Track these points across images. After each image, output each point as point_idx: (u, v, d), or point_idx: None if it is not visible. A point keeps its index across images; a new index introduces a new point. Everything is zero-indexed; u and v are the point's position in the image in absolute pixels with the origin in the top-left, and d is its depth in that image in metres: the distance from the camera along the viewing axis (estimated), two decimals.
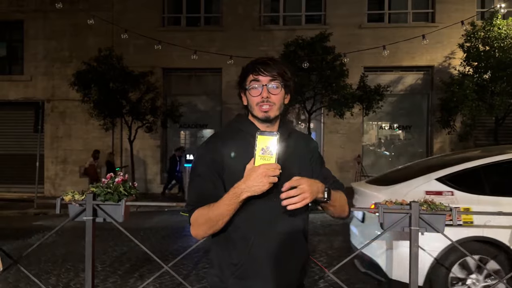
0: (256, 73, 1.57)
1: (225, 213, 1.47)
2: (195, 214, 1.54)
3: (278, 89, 1.57)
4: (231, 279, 1.54)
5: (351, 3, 13.56)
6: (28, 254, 3.48)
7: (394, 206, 3.12)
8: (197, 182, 1.58)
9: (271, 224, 1.53)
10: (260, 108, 1.57)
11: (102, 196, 3.25)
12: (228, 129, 1.68)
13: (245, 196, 1.43)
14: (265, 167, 1.39)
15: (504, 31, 11.02)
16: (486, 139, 12.99)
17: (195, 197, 1.57)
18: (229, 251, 1.56)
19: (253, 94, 1.58)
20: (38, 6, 14.30)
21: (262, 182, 1.39)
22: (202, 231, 1.55)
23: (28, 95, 14.33)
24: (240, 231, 1.53)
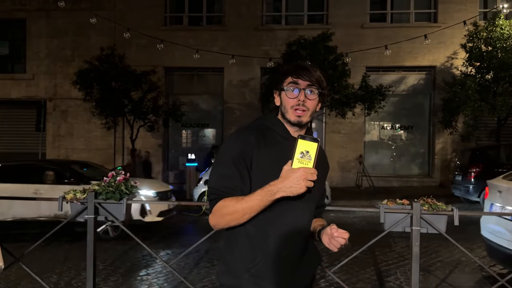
0: (296, 76, 1.57)
1: (254, 208, 1.47)
2: (220, 203, 1.51)
3: (314, 95, 1.58)
4: (246, 275, 1.53)
5: (353, 3, 13.54)
6: (30, 252, 3.49)
7: (395, 206, 3.11)
8: (225, 170, 1.55)
9: (292, 227, 1.55)
10: (294, 111, 1.58)
11: (103, 195, 3.25)
12: (260, 124, 1.66)
13: (280, 195, 1.43)
14: (305, 171, 1.40)
15: (507, 32, 11.00)
16: (488, 140, 12.97)
17: (222, 185, 1.54)
18: (246, 246, 1.55)
19: (290, 96, 1.58)
20: (40, 5, 14.33)
21: (300, 184, 1.40)
22: (224, 221, 1.53)
23: (30, 94, 14.37)
24: (261, 228, 1.52)
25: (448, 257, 5.85)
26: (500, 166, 10.20)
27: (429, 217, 3.05)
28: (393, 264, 5.55)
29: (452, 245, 3.33)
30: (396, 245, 6.48)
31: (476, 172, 10.10)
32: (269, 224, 1.52)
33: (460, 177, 10.66)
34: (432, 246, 6.32)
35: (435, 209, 3.03)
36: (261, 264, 1.52)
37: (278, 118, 1.65)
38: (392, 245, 6.49)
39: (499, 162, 10.25)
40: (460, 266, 5.42)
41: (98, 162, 14.21)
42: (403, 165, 14.11)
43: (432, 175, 13.61)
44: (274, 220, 1.52)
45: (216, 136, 14.66)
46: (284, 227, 1.53)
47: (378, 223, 3.33)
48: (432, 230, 3.07)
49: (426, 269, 5.29)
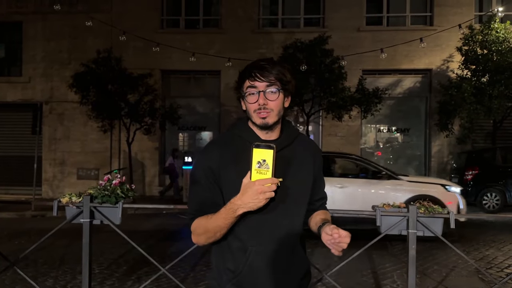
0: (252, 78, 1.50)
1: (222, 226, 1.46)
2: (194, 223, 1.55)
3: (276, 95, 1.50)
4: (229, 285, 1.54)
5: (349, 6, 13.58)
6: (25, 256, 3.47)
7: (391, 209, 3.12)
8: (196, 190, 1.56)
9: (269, 235, 1.52)
10: (258, 115, 1.51)
11: (99, 198, 3.24)
12: (227, 135, 1.64)
13: (241, 212, 1.41)
14: (260, 183, 1.34)
15: (502, 35, 11.06)
16: (484, 142, 13.02)
17: (194, 205, 1.56)
18: (227, 258, 1.55)
19: (250, 101, 1.52)
20: (37, 7, 14.30)
21: (258, 199, 1.36)
22: (202, 240, 1.55)
23: (26, 97, 14.32)
24: (238, 241, 1.52)
25: (445, 259, 5.86)
26: (496, 169, 10.26)
27: (425, 220, 3.06)
28: (390, 267, 5.55)
29: (448, 248, 3.33)
30: (393, 248, 6.49)
31: (472, 174, 10.15)
32: (247, 237, 1.51)
33: (456, 180, 10.69)
34: (428, 248, 6.33)
35: (431, 212, 3.04)
36: (242, 276, 1.52)
37: (248, 124, 1.61)
38: (389, 248, 6.49)
39: (495, 164, 10.31)
40: (457, 269, 5.43)
41: (94, 166, 14.26)
42: (399, 167, 14.09)
43: None
44: (251, 233, 1.50)
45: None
46: (262, 239, 1.51)
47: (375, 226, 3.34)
48: (428, 233, 3.08)
49: (422, 272, 5.29)
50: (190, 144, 14.84)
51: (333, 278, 3.52)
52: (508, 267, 5.53)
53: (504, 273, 5.20)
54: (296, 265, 1.59)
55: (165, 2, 14.47)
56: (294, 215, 1.56)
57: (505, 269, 5.41)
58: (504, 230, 7.82)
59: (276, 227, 1.51)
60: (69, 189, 12.88)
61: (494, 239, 7.16)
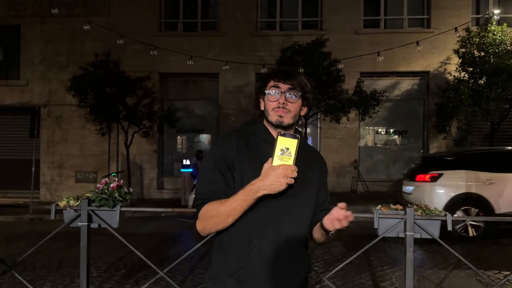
0: (277, 79, 1.60)
1: (237, 209, 1.48)
2: (205, 208, 1.55)
3: (295, 98, 1.60)
4: (230, 280, 1.54)
5: (347, 9, 13.63)
6: (23, 260, 3.47)
7: (389, 211, 3.13)
8: (209, 175, 1.58)
9: (277, 229, 1.55)
10: (275, 112, 1.60)
11: (97, 202, 3.25)
12: (242, 130, 1.69)
13: (261, 193, 1.45)
14: (284, 168, 1.41)
15: (499, 37, 11.09)
16: (482, 144, 13.04)
17: (206, 190, 1.58)
18: (230, 252, 1.57)
19: (271, 99, 1.61)
20: (35, 11, 14.30)
21: (280, 182, 1.42)
22: (210, 225, 1.55)
23: (24, 100, 14.30)
24: (244, 234, 1.54)
25: (443, 262, 5.86)
26: None
27: (422, 222, 3.06)
28: (388, 269, 5.56)
29: (446, 250, 3.34)
30: (391, 250, 6.49)
31: None
32: (253, 230, 1.53)
33: None
34: (426, 250, 6.34)
35: (429, 214, 3.05)
36: (245, 270, 1.53)
37: (263, 123, 1.67)
38: (387, 250, 6.50)
39: None
40: (455, 271, 5.44)
41: (93, 169, 14.23)
42: (397, 169, 14.14)
43: None
44: (258, 225, 1.53)
45: (211, 142, 14.65)
46: (267, 232, 1.54)
47: (373, 228, 3.35)
48: (425, 235, 3.09)
49: (421, 274, 5.30)
50: (188, 147, 14.83)
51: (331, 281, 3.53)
52: (506, 269, 5.54)
53: (502, 275, 5.20)
54: (299, 264, 1.62)
55: (163, 5, 14.49)
56: (300, 216, 1.61)
57: (502, 271, 5.42)
58: (502, 232, 7.83)
59: (281, 223, 1.55)
60: (67, 192, 12.86)
61: (492, 241, 7.18)
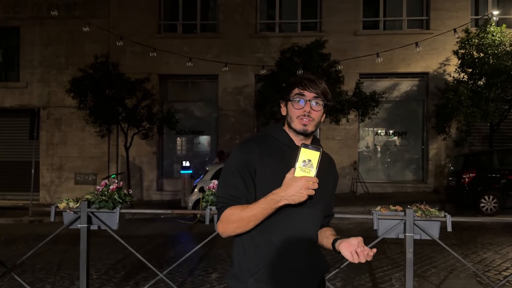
0: (302, 87, 1.64)
1: (258, 216, 1.53)
2: (227, 211, 1.58)
3: (319, 107, 1.64)
4: (251, 279, 1.59)
5: (346, 10, 13.65)
6: (23, 262, 3.46)
7: (388, 212, 3.13)
8: (231, 180, 1.62)
9: (295, 233, 1.60)
10: (300, 121, 1.63)
11: (96, 204, 3.24)
12: (264, 135, 1.73)
13: (283, 203, 1.49)
14: (306, 180, 1.45)
15: (498, 38, 11.11)
16: (482, 145, 13.06)
17: (228, 194, 1.61)
18: (250, 252, 1.61)
19: (296, 107, 1.64)
20: (34, 13, 14.31)
21: (302, 193, 1.46)
22: (231, 228, 1.59)
23: (23, 102, 14.30)
24: (265, 235, 1.58)
25: (443, 262, 5.86)
26: (493, 172, 10.29)
27: (422, 223, 3.06)
28: (388, 270, 5.55)
29: (446, 251, 3.34)
30: (391, 251, 6.49)
31: (469, 177, 10.16)
32: (273, 231, 1.58)
33: (454, 183, 10.71)
34: (426, 252, 6.33)
35: (428, 215, 3.05)
36: (265, 269, 1.58)
37: (284, 128, 1.71)
38: (387, 251, 6.49)
39: (492, 167, 10.33)
40: (455, 272, 5.43)
41: (92, 170, 14.23)
42: (397, 171, 14.15)
43: (426, 181, 13.66)
44: (278, 226, 1.58)
45: (211, 143, 14.65)
46: (287, 234, 1.59)
47: (372, 229, 3.35)
48: (425, 236, 3.09)
49: (420, 275, 5.29)
50: (188, 149, 14.83)
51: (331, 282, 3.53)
52: (505, 269, 5.53)
53: (501, 276, 5.20)
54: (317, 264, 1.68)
55: (163, 7, 14.50)
56: (316, 222, 1.68)
57: (502, 272, 5.41)
58: (502, 233, 7.83)
59: (301, 226, 1.61)
60: (66, 194, 12.86)
61: (492, 242, 7.17)
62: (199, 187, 9.85)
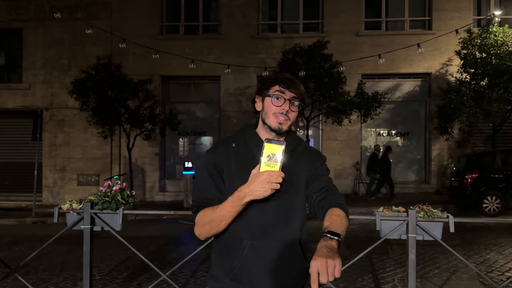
0: (284, 86, 1.64)
1: (228, 215, 1.54)
2: (200, 214, 1.62)
3: (296, 108, 1.65)
4: (226, 279, 1.61)
5: (348, 11, 13.65)
6: (26, 263, 3.47)
7: (391, 213, 3.13)
8: (202, 183, 1.66)
9: (266, 229, 1.59)
10: (276, 118, 1.63)
11: (100, 205, 3.25)
12: (235, 137, 1.75)
13: (248, 199, 1.49)
14: (269, 174, 1.45)
15: (500, 38, 11.10)
16: (484, 146, 13.03)
17: (200, 197, 1.65)
18: (225, 253, 1.64)
19: (275, 103, 1.63)
20: (37, 15, 14.37)
21: (264, 187, 1.45)
22: (205, 231, 1.62)
23: (26, 104, 14.35)
24: (235, 234, 1.60)
25: (446, 263, 5.85)
26: (496, 172, 10.27)
27: (424, 224, 3.06)
28: (391, 271, 5.55)
29: (449, 252, 3.33)
30: (394, 252, 6.48)
31: (472, 178, 10.14)
32: (243, 230, 1.59)
33: (456, 183, 10.69)
34: (429, 252, 6.32)
35: (431, 216, 3.05)
36: (238, 269, 1.59)
37: (255, 130, 1.72)
38: (389, 252, 6.49)
39: (494, 168, 10.30)
40: (458, 273, 5.42)
41: (95, 172, 14.26)
42: (400, 171, 14.13)
43: (429, 181, 13.64)
44: (246, 225, 1.58)
45: (213, 144, 14.66)
46: (257, 230, 1.59)
47: (375, 230, 3.35)
48: (428, 237, 3.09)
49: (423, 276, 5.29)
50: (190, 150, 14.85)
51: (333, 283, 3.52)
52: (508, 270, 5.52)
53: (504, 277, 5.19)
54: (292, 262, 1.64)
55: (165, 8, 14.54)
56: (288, 217, 1.63)
57: (506, 273, 5.40)
58: (505, 234, 7.81)
59: (269, 224, 1.59)
60: (69, 196, 12.88)
61: (495, 242, 7.16)
62: None
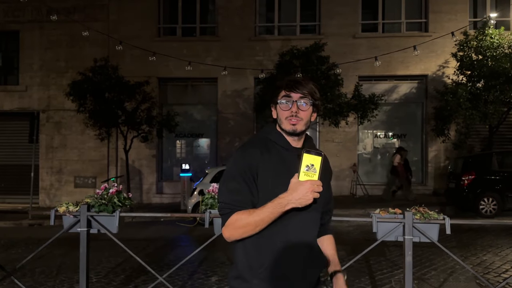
0: (288, 89, 1.69)
1: (265, 220, 1.56)
2: (234, 217, 1.60)
3: (306, 106, 1.68)
4: (255, 280, 1.62)
5: (345, 13, 13.69)
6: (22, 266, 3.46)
7: (387, 215, 3.13)
8: (234, 185, 1.63)
9: (298, 234, 1.64)
10: (289, 121, 1.67)
11: (96, 207, 3.25)
12: (262, 138, 1.75)
13: (290, 207, 1.52)
14: (312, 183, 1.49)
15: (496, 40, 11.15)
16: (481, 147, 13.07)
17: (233, 199, 1.62)
18: (256, 253, 1.64)
19: (284, 108, 1.69)
20: (34, 16, 14.34)
21: (307, 196, 1.49)
22: (238, 233, 1.61)
23: (23, 105, 14.32)
24: (269, 237, 1.62)
25: (442, 265, 5.86)
26: (492, 174, 10.30)
27: (421, 226, 3.07)
28: (388, 272, 5.55)
29: (446, 254, 3.34)
30: (391, 254, 6.49)
31: (469, 179, 10.16)
32: (277, 233, 1.62)
33: (453, 185, 10.72)
34: (426, 254, 6.34)
35: (427, 218, 3.06)
36: (269, 270, 1.62)
37: (278, 130, 1.74)
38: (386, 253, 6.50)
39: (491, 169, 10.33)
40: (455, 275, 5.43)
41: (92, 174, 14.23)
42: None
43: (425, 183, 13.67)
44: (282, 229, 1.62)
45: (210, 146, 14.66)
46: (290, 235, 1.63)
47: (372, 232, 3.35)
48: (424, 239, 3.09)
49: (420, 277, 5.30)
50: (187, 152, 14.84)
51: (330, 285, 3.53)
52: (505, 272, 5.54)
53: (501, 278, 5.21)
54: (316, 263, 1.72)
55: (162, 10, 14.54)
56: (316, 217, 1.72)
57: (502, 274, 5.42)
58: (501, 235, 7.83)
59: (303, 226, 1.65)
60: (66, 198, 12.86)
61: (492, 244, 7.18)
62: (199, 190, 9.85)
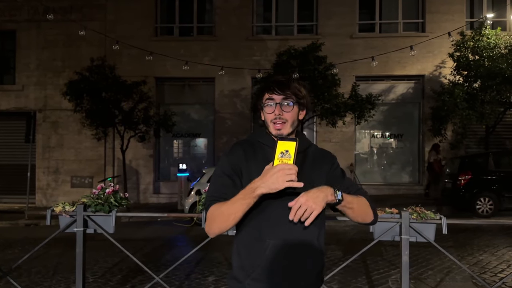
0: (270, 92, 1.68)
1: (238, 207, 1.53)
2: (210, 209, 1.61)
3: (290, 107, 1.66)
4: (248, 279, 1.61)
5: (342, 13, 13.70)
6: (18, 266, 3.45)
7: (384, 214, 3.14)
8: (218, 180, 1.67)
9: (286, 229, 1.60)
10: (274, 126, 1.68)
11: (92, 207, 3.24)
12: (249, 140, 1.78)
13: (259, 192, 1.49)
14: (282, 166, 1.46)
15: (493, 41, 11.18)
16: (477, 147, 13.11)
17: (214, 192, 1.65)
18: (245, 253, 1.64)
19: (268, 111, 1.69)
20: (31, 16, 14.29)
21: (277, 179, 1.45)
22: (215, 226, 1.61)
23: (19, 105, 14.27)
24: (257, 234, 1.61)
25: (439, 265, 5.88)
26: (489, 174, 10.33)
27: (417, 225, 3.08)
28: (385, 272, 5.56)
29: (443, 253, 3.35)
30: (387, 253, 6.50)
31: (465, 179, 10.19)
32: (265, 230, 1.60)
33: (450, 185, 10.75)
34: (423, 254, 6.35)
35: (424, 217, 3.06)
36: (260, 269, 1.60)
37: (267, 132, 1.75)
38: (383, 253, 6.51)
39: (488, 169, 10.37)
40: (451, 274, 5.45)
41: (89, 174, 14.20)
42: (393, 173, 14.20)
43: (422, 183, 13.71)
44: (269, 226, 1.60)
45: (207, 146, 14.65)
46: (280, 233, 1.60)
47: (368, 232, 3.36)
48: (421, 238, 3.10)
49: (417, 277, 5.31)
50: (184, 151, 14.82)
51: (328, 285, 3.53)
52: (501, 271, 5.56)
53: (497, 278, 5.22)
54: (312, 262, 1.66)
55: (159, 10, 14.52)
56: None
57: (498, 274, 5.44)
58: (498, 235, 7.86)
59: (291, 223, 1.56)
60: (63, 198, 12.81)
61: (488, 244, 7.20)
62: (196, 190, 9.84)
